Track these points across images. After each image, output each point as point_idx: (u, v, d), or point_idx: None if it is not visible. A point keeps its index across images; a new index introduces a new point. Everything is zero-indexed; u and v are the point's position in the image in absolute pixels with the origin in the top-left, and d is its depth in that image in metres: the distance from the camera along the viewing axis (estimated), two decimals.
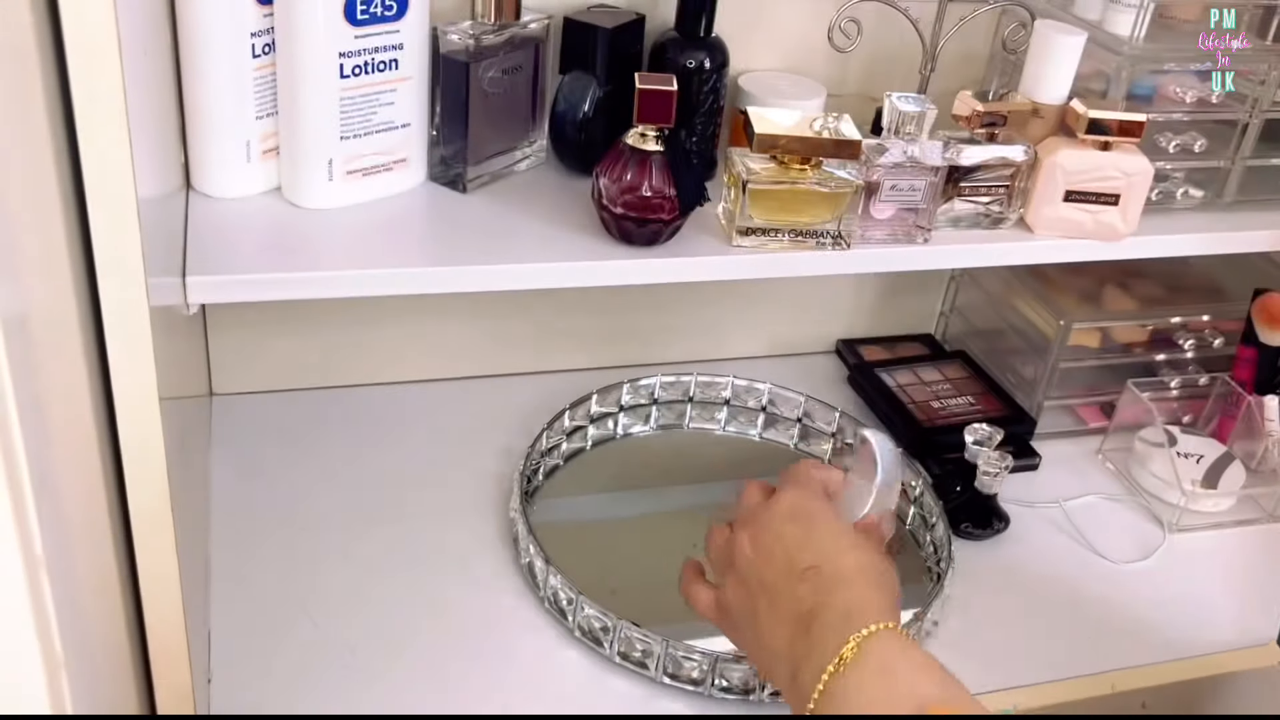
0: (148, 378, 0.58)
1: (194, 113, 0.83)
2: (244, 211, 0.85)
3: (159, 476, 0.61)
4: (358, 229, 0.85)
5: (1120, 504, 1.14)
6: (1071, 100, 0.94)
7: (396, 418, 1.12)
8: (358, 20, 0.81)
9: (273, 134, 0.85)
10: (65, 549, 0.51)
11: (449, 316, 1.15)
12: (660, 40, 0.95)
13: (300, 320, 1.10)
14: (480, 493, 1.04)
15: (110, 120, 0.52)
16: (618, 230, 0.85)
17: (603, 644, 0.89)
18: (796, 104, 0.97)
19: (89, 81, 0.51)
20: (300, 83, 0.82)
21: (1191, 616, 1.02)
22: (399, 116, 0.87)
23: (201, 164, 0.85)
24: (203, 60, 0.81)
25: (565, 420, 1.07)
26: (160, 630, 0.66)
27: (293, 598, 0.91)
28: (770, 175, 0.86)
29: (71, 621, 0.49)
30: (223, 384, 1.12)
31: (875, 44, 1.00)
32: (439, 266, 0.82)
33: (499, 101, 0.89)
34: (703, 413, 1.16)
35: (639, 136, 0.83)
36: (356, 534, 0.98)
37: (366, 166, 0.86)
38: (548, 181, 0.94)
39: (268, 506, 0.99)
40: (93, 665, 0.56)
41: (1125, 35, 0.96)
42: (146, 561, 0.63)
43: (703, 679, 0.87)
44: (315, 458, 1.06)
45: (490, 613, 0.93)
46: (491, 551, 0.98)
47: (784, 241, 0.88)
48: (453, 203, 0.90)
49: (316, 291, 0.80)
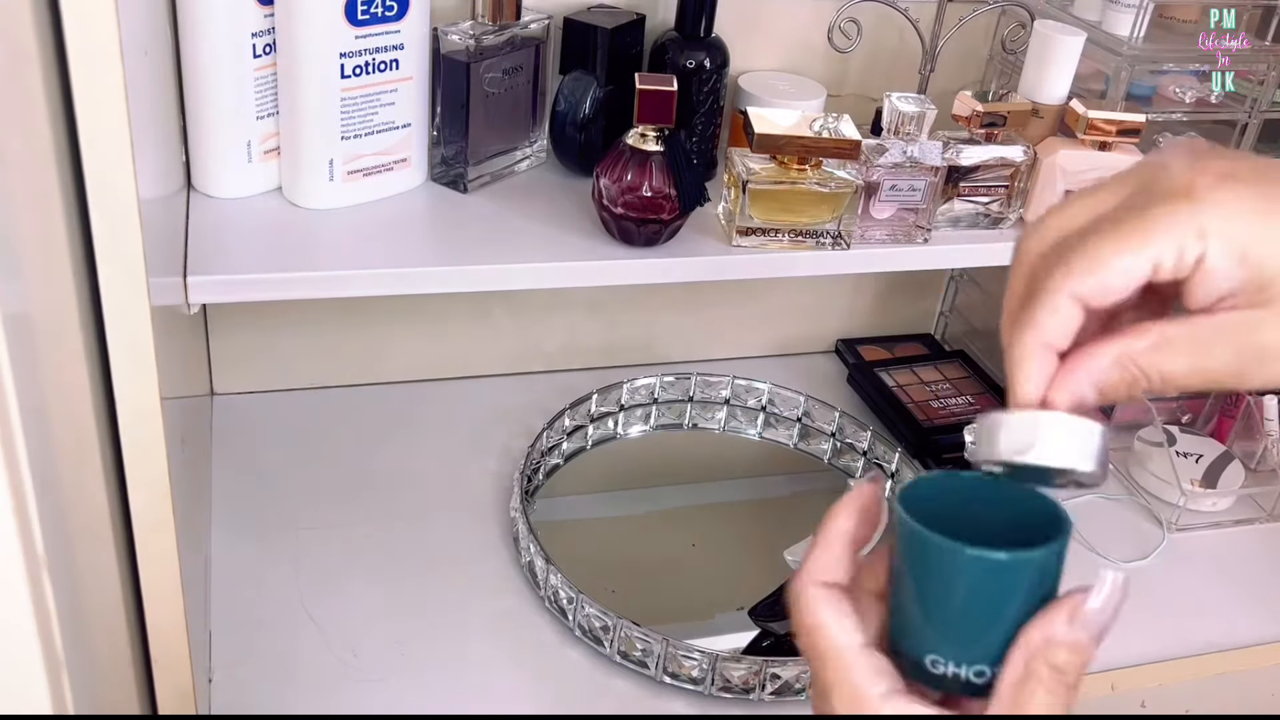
0: (149, 378, 0.58)
1: (195, 113, 0.83)
2: (245, 211, 0.85)
3: (160, 476, 0.61)
4: (358, 229, 0.85)
5: (1119, 503, 1.14)
6: (1071, 100, 0.94)
7: (397, 418, 1.12)
8: (358, 20, 0.81)
9: (273, 134, 0.85)
10: (66, 549, 0.51)
11: (449, 316, 1.15)
12: (660, 40, 0.95)
13: (301, 320, 1.10)
14: (480, 492, 1.04)
15: (111, 121, 0.52)
16: (618, 230, 0.85)
17: (603, 643, 0.89)
18: (796, 104, 0.97)
19: (90, 82, 0.51)
20: (301, 83, 0.82)
21: (1191, 616, 1.02)
22: (399, 117, 0.87)
23: (202, 164, 0.85)
24: (204, 60, 0.81)
25: (565, 420, 1.07)
26: (161, 630, 0.66)
27: (294, 597, 0.91)
28: (770, 175, 0.86)
29: (72, 621, 0.49)
30: (224, 384, 1.12)
31: (875, 44, 1.00)
32: (439, 266, 0.82)
33: (499, 102, 0.89)
34: (702, 413, 1.16)
35: (639, 137, 0.83)
36: (357, 534, 0.98)
37: (367, 167, 0.86)
38: (548, 182, 0.94)
39: (269, 506, 0.99)
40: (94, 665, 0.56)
41: (1124, 36, 0.96)
42: (147, 561, 0.63)
43: (703, 678, 0.87)
44: (316, 457, 1.06)
45: (490, 612, 0.93)
46: (492, 551, 0.98)
47: (784, 241, 0.88)
48: (453, 203, 0.90)
49: (317, 291, 0.80)
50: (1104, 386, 0.42)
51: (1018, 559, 0.41)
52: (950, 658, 0.42)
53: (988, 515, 0.43)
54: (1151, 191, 0.41)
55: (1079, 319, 0.41)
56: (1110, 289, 0.41)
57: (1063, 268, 0.41)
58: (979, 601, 0.41)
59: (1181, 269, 0.40)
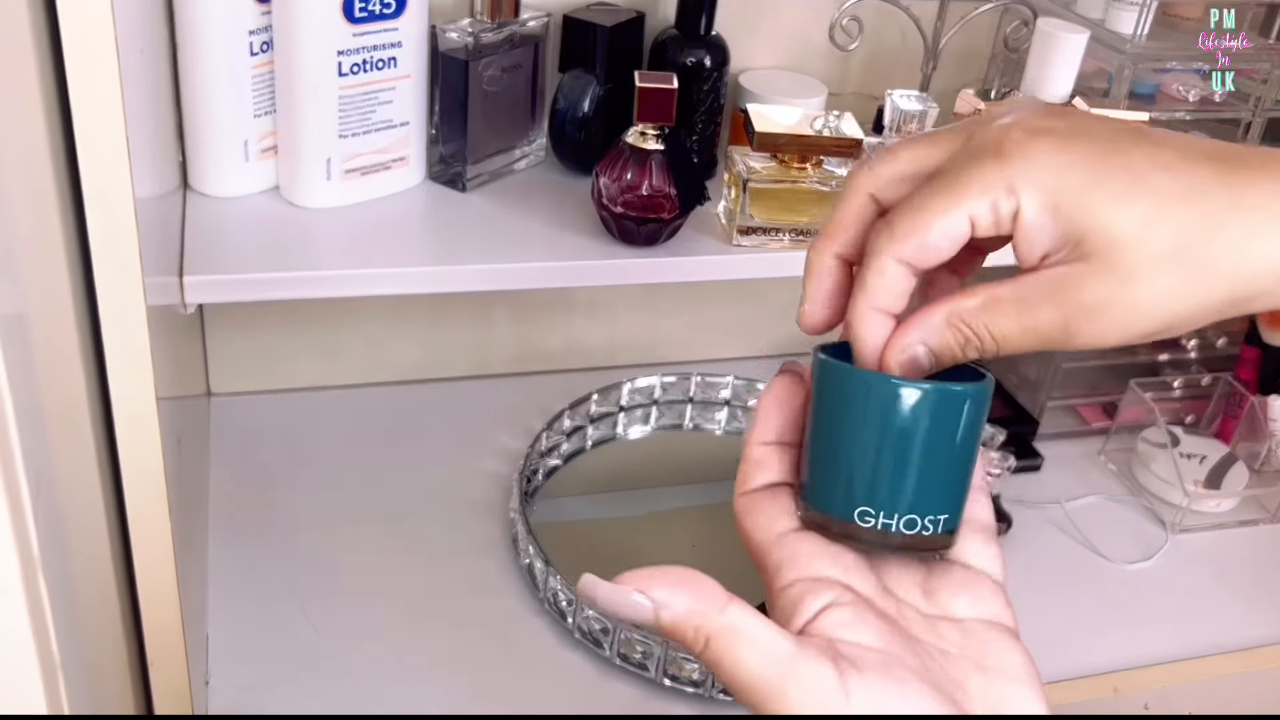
0: (145, 378, 0.58)
1: (192, 111, 0.82)
2: (242, 211, 0.85)
3: (156, 477, 0.60)
4: (356, 228, 0.84)
5: (1123, 504, 1.14)
6: (1074, 99, 0.93)
7: (395, 418, 1.12)
8: (356, 18, 0.80)
9: (271, 133, 0.85)
10: (62, 549, 0.51)
11: (448, 316, 1.15)
12: (660, 38, 0.95)
13: (299, 320, 1.10)
14: (480, 493, 1.04)
15: (107, 119, 0.52)
16: (617, 230, 0.85)
17: (603, 645, 0.89)
18: (797, 102, 0.97)
19: (86, 80, 0.51)
20: (298, 81, 0.81)
21: (1194, 617, 1.02)
22: (398, 115, 0.86)
23: (199, 163, 0.84)
24: (200, 59, 0.81)
25: (565, 421, 1.07)
26: (157, 632, 0.65)
27: (291, 599, 0.91)
28: (771, 174, 0.85)
29: (69, 622, 0.49)
30: (220, 384, 1.11)
31: (876, 42, 1.00)
32: (438, 266, 0.82)
33: (498, 100, 0.89)
34: (703, 413, 1.15)
35: (639, 135, 0.83)
36: (355, 535, 0.98)
37: (365, 165, 0.86)
38: (547, 181, 0.94)
39: (266, 507, 0.99)
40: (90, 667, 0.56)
41: (1127, 33, 0.95)
42: (144, 562, 0.63)
43: (703, 680, 0.87)
44: (314, 458, 1.05)
45: (490, 614, 0.92)
46: (491, 552, 0.98)
47: (785, 241, 0.88)
48: (452, 202, 0.89)
49: (315, 291, 0.80)
50: (938, 347, 0.42)
51: (947, 391, 0.40)
52: (880, 508, 0.41)
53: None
54: (968, 149, 0.41)
55: (907, 280, 0.41)
56: (932, 250, 0.41)
57: (887, 231, 0.41)
58: (908, 441, 0.40)
59: (1001, 225, 0.40)
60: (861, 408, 0.41)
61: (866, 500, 0.41)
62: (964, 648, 0.41)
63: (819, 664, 0.38)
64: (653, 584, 0.41)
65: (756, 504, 0.44)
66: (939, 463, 0.41)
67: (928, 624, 0.42)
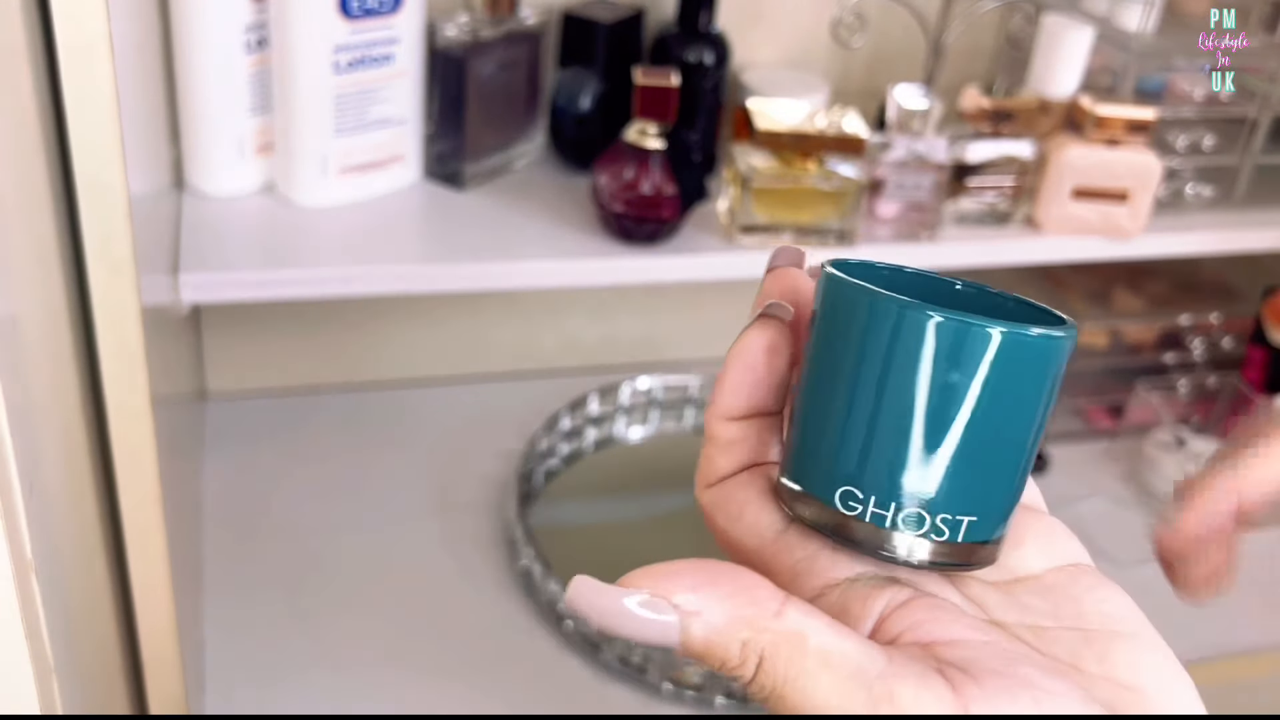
0: (139, 378, 0.57)
1: (186, 109, 0.82)
2: (237, 209, 0.84)
3: (150, 479, 0.60)
4: (353, 227, 0.84)
5: (1130, 506, 1.13)
6: (1079, 96, 0.93)
7: (393, 419, 1.11)
8: (352, 14, 0.80)
9: (266, 130, 0.84)
10: (55, 553, 0.50)
11: (445, 316, 1.14)
12: (661, 35, 0.94)
13: (295, 320, 1.09)
14: (477, 495, 1.03)
15: (101, 117, 0.51)
16: (617, 228, 0.84)
17: (601, 649, 0.88)
18: (799, 99, 0.96)
19: (80, 78, 0.50)
20: (294, 78, 0.80)
21: (1199, 620, 1.01)
22: (394, 112, 0.85)
23: (194, 161, 0.84)
24: (195, 56, 0.80)
25: (564, 422, 1.06)
26: (152, 636, 0.65)
27: (288, 603, 0.90)
28: (773, 172, 0.85)
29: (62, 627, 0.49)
30: (216, 385, 1.10)
31: (879, 38, 0.99)
32: (435, 265, 0.82)
33: (496, 97, 0.88)
34: (703, 414, 1.15)
35: (639, 133, 0.82)
36: (352, 538, 0.97)
37: (362, 163, 0.85)
38: (546, 179, 0.93)
39: (262, 509, 0.98)
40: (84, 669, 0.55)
41: (1134, 30, 0.95)
42: (138, 566, 0.62)
43: (703, 684, 0.86)
44: (310, 460, 1.05)
45: (488, 617, 0.91)
46: (489, 554, 0.97)
47: (787, 240, 0.87)
48: (449, 200, 0.89)
49: (311, 290, 0.79)
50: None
51: (1027, 336, 0.30)
52: (873, 490, 0.31)
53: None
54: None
55: None
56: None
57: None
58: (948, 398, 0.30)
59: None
60: (914, 350, 0.30)
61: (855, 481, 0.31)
62: (1057, 615, 0.31)
63: (924, 679, 0.28)
64: (675, 584, 0.30)
65: (733, 495, 0.35)
66: (1001, 442, 0.31)
67: (1002, 595, 0.32)
